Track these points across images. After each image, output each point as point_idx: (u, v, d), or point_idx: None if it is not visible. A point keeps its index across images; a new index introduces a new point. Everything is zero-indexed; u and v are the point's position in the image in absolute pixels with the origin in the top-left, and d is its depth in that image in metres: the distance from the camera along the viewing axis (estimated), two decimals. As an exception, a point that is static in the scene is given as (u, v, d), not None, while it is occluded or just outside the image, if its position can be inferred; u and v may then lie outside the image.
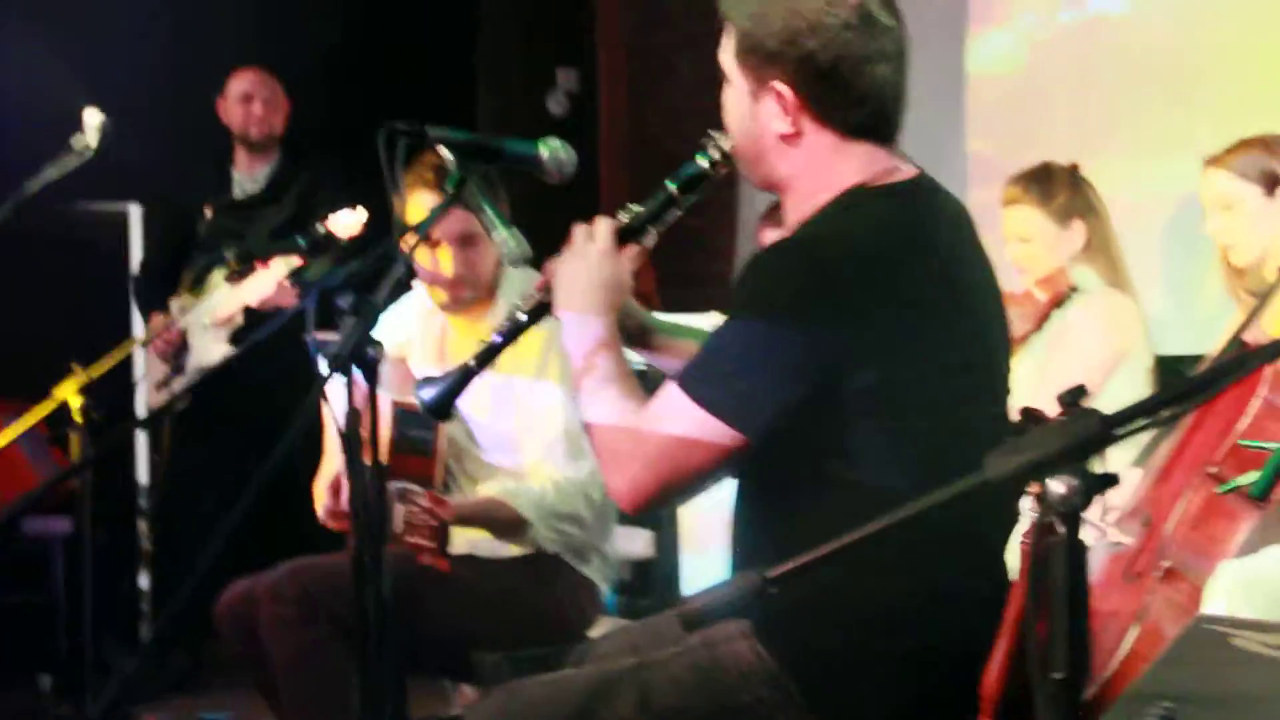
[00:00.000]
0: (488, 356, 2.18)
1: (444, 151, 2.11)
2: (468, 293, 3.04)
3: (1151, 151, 4.06)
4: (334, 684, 2.63)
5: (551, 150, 2.17)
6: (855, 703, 1.96)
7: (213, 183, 4.59)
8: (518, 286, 2.88)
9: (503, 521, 2.89)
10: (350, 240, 3.28)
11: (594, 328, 2.05)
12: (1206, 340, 3.27)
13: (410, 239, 2.18)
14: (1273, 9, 3.97)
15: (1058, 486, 1.19)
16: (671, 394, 1.95)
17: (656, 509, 2.35)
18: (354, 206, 3.28)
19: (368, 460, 1.97)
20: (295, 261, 3.74)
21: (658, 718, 2.02)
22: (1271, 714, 1.43)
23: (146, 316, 4.62)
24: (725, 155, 2.08)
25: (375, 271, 2.05)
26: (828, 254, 1.94)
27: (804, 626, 1.96)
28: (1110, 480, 1.19)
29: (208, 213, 4.56)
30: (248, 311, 4.15)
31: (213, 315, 4.28)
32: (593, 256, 2.08)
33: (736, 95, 2.04)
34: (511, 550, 2.98)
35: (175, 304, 4.49)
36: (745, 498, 2.10)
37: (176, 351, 4.37)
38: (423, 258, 2.97)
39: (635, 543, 3.93)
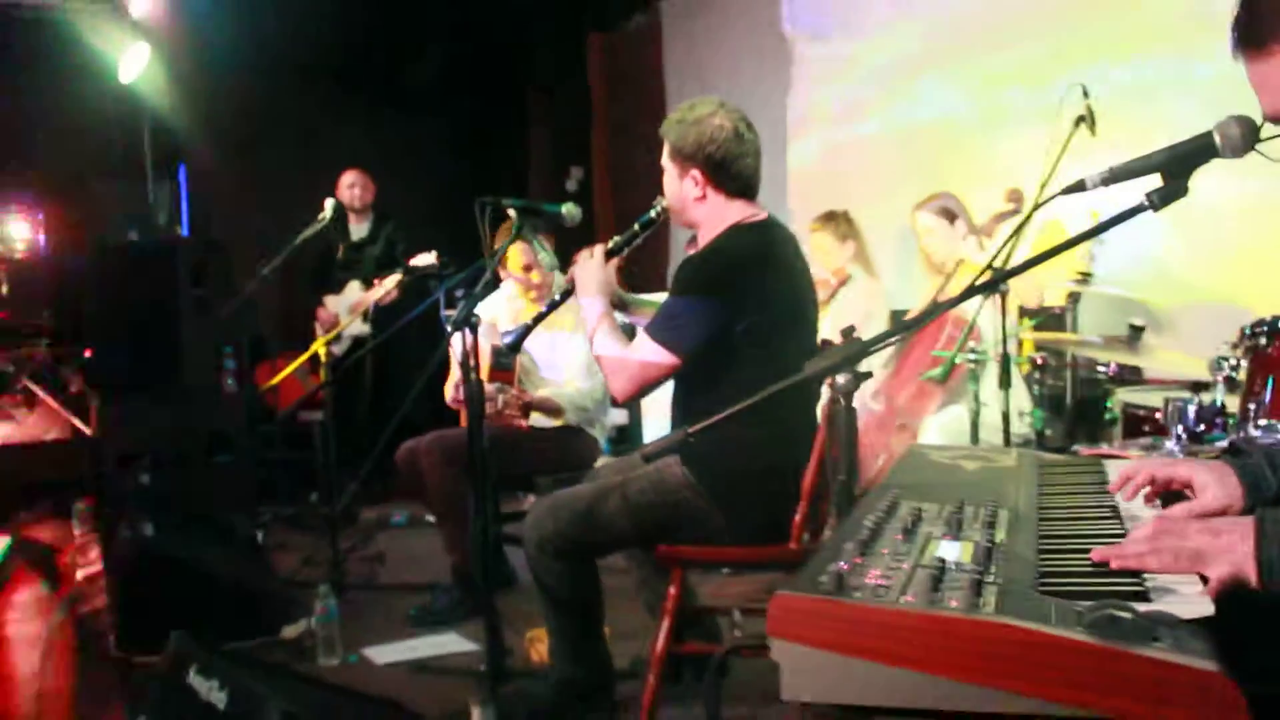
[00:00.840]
0: (539, 319, 3.61)
1: (511, 212, 3.39)
2: (534, 291, 4.85)
3: (887, 203, 5.90)
4: (463, 499, 4.28)
5: (568, 210, 3.58)
6: (737, 496, 3.15)
7: (340, 231, 6.86)
8: (558, 282, 4.61)
9: (551, 407, 4.69)
10: (430, 268, 5.07)
11: (597, 304, 3.38)
12: (915, 301, 5.10)
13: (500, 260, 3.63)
14: (950, 140, 6.12)
15: (840, 378, 1.97)
16: (642, 338, 3.19)
17: (636, 400, 3.57)
18: (427, 249, 5.10)
19: (475, 377, 3.26)
20: (396, 277, 5.78)
21: (634, 507, 3.19)
22: (946, 488, 1.96)
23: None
24: (664, 209, 3.43)
25: (474, 279, 3.38)
26: (724, 258, 3.19)
27: (709, 457, 3.10)
28: (866, 375, 2.21)
29: (339, 250, 6.95)
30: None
31: (351, 306, 6.46)
32: (593, 265, 3.42)
33: (670, 177, 3.39)
34: (555, 422, 4.75)
35: (328, 299, 6.87)
36: (680, 390, 3.40)
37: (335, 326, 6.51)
38: (514, 268, 4.82)
39: (619, 415, 5.31)
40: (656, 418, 5.53)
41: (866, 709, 1.34)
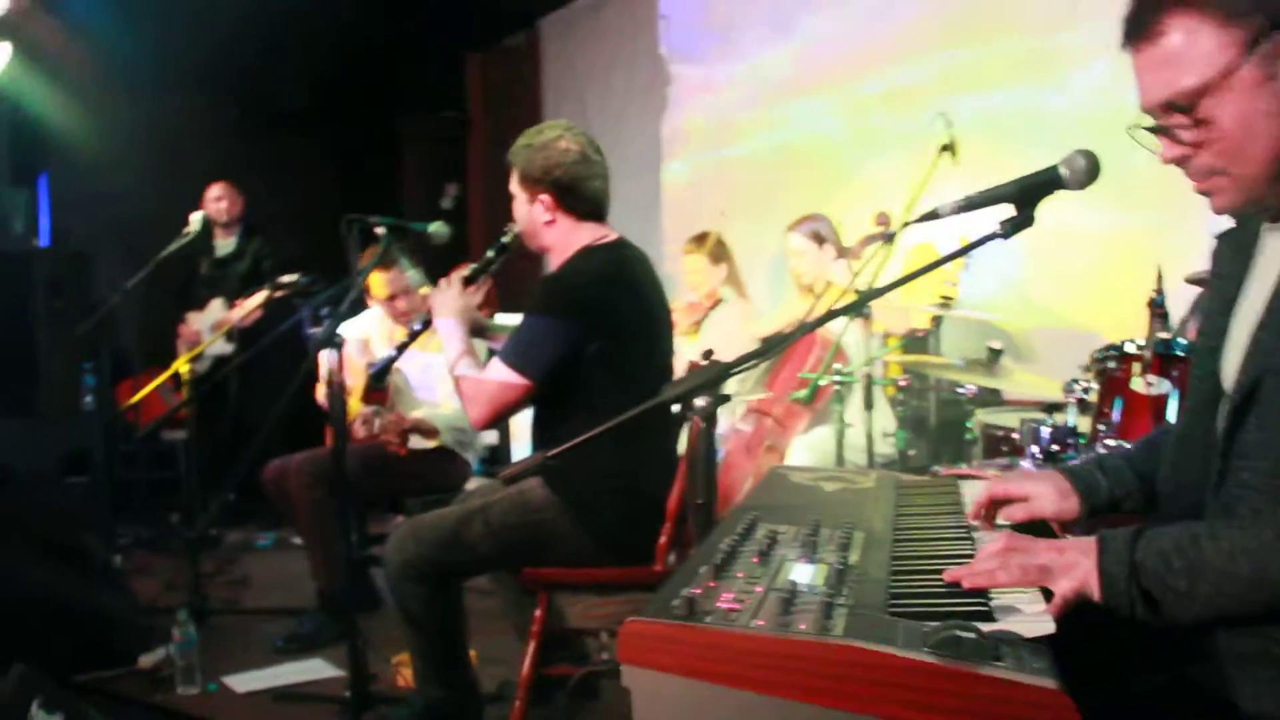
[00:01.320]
0: (402, 347, 3.58)
1: (379, 230, 3.36)
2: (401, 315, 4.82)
3: (759, 224, 5.96)
4: (331, 520, 4.35)
5: (435, 228, 3.61)
6: (601, 518, 3.15)
7: (205, 245, 6.73)
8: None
9: (428, 429, 4.62)
10: (295, 286, 5.06)
11: (455, 329, 3.38)
12: (786, 323, 5.04)
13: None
14: (821, 163, 6.28)
15: (700, 401, 1.93)
16: (495, 362, 3.19)
17: (494, 426, 3.55)
18: (296, 267, 5.11)
19: (340, 397, 3.23)
20: (261, 296, 5.73)
21: (497, 529, 3.17)
22: (804, 510, 1.96)
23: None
24: (515, 235, 3.42)
25: (339, 297, 3.33)
26: (574, 281, 3.21)
27: (572, 479, 3.13)
28: (725, 398, 2.19)
29: (204, 265, 6.82)
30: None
31: (214, 324, 6.37)
32: (450, 291, 3.42)
33: (520, 203, 3.40)
34: (430, 443, 4.68)
35: (191, 315, 6.69)
36: (539, 412, 3.39)
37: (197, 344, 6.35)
38: (378, 293, 4.79)
39: (490, 437, 5.28)
40: (526, 440, 5.51)
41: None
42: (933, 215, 1.91)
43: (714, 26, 7.12)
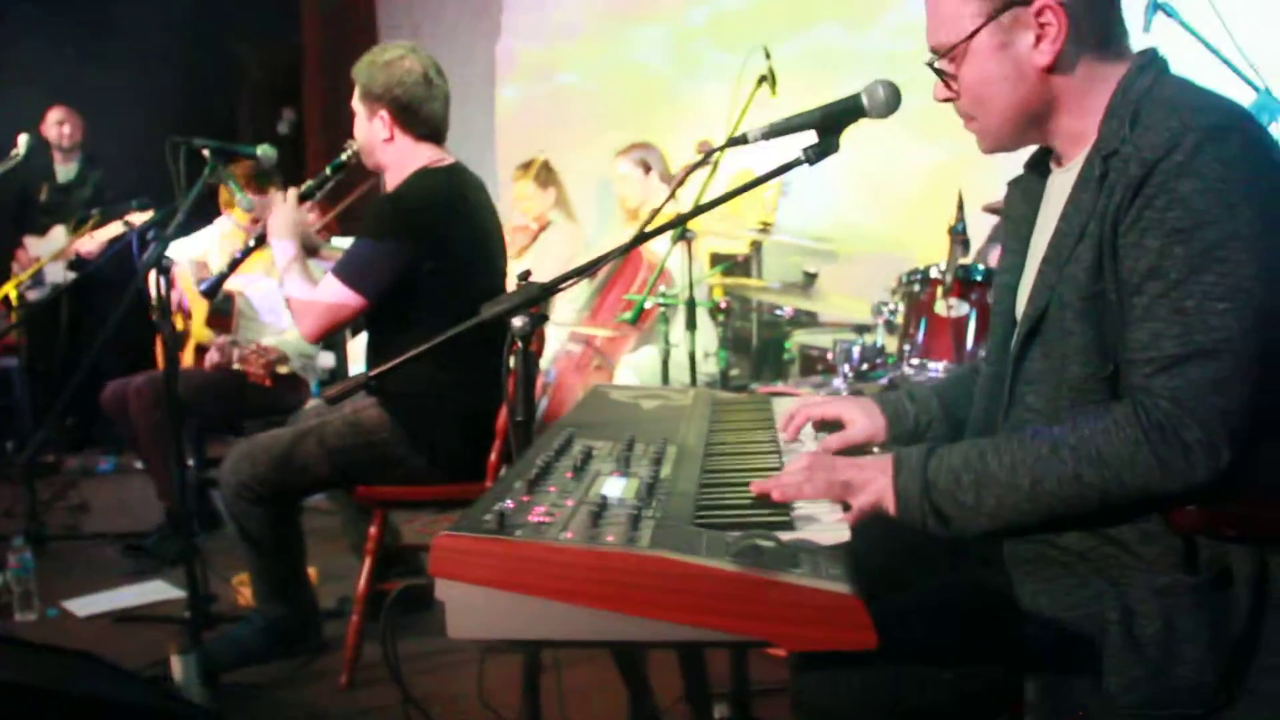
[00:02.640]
0: (234, 265, 3.45)
1: (205, 152, 3.20)
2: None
3: (589, 151, 5.93)
4: (169, 439, 3.89)
5: (263, 151, 3.41)
6: (434, 436, 3.12)
7: (44, 170, 6.42)
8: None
9: (278, 358, 4.40)
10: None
11: (289, 247, 3.29)
12: (615, 243, 4.92)
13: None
14: (648, 91, 6.25)
15: (517, 321, 1.88)
16: (329, 278, 3.12)
17: (329, 341, 3.44)
18: (136, 194, 4.91)
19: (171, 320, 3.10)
20: (116, 229, 5.31)
21: (331, 450, 3.12)
22: (621, 426, 1.95)
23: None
24: (355, 152, 3.33)
25: (166, 221, 3.17)
26: (408, 202, 3.15)
27: (405, 398, 3.10)
28: (543, 319, 2.17)
29: (44, 190, 6.49)
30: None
31: (54, 251, 6.02)
32: (285, 208, 3.33)
33: (359, 119, 3.31)
34: (282, 370, 4.47)
35: (28, 240, 6.35)
36: (372, 332, 3.34)
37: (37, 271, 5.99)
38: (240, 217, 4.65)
39: (327, 358, 5.14)
40: (362, 361, 5.40)
41: (529, 642, 1.33)
42: (741, 140, 1.90)
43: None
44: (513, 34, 7.18)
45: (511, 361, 1.95)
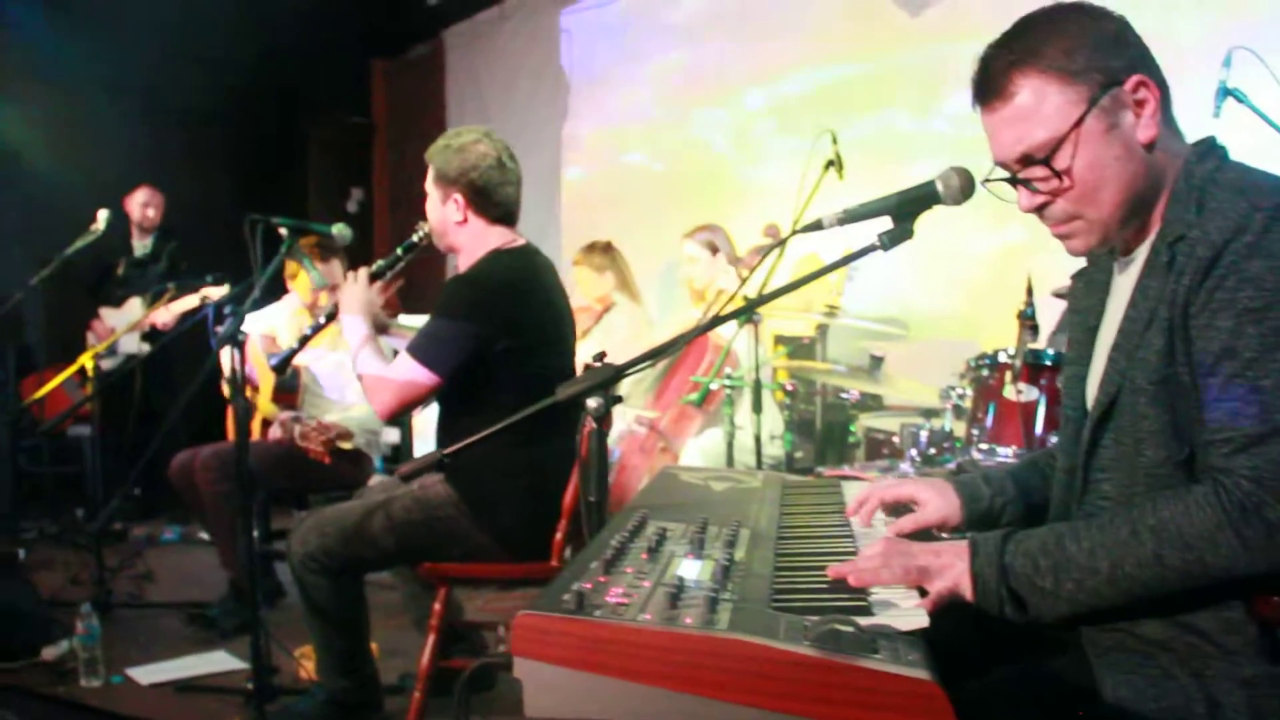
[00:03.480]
0: (304, 340, 3.55)
1: (283, 230, 3.29)
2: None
3: (653, 231, 6.07)
4: (235, 511, 4.07)
5: (339, 230, 3.55)
6: (499, 514, 3.13)
7: (122, 244, 6.63)
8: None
9: (345, 434, 4.50)
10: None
11: (360, 325, 3.34)
12: (678, 328, 4.93)
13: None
14: (712, 174, 6.35)
15: (592, 401, 1.91)
16: (403, 357, 3.14)
17: (399, 419, 3.47)
18: (211, 270, 5.22)
19: (245, 394, 3.17)
20: (192, 301, 5.55)
21: (398, 525, 3.14)
22: (693, 508, 1.98)
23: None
24: (426, 234, 3.39)
25: (243, 296, 3.27)
26: (482, 283, 3.18)
27: (472, 476, 3.11)
28: (617, 399, 2.19)
29: (121, 265, 6.68)
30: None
31: (130, 323, 6.14)
32: (356, 287, 3.39)
33: (433, 201, 3.37)
34: (345, 446, 4.54)
35: (104, 311, 6.57)
36: (443, 410, 3.36)
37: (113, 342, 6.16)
38: (303, 293, 4.71)
39: (392, 434, 5.19)
40: (428, 438, 5.44)
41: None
42: (817, 225, 1.92)
43: (612, 40, 7.15)
44: (579, 115, 7.33)
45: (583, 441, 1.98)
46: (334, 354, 4.63)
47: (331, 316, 3.42)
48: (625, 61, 7.02)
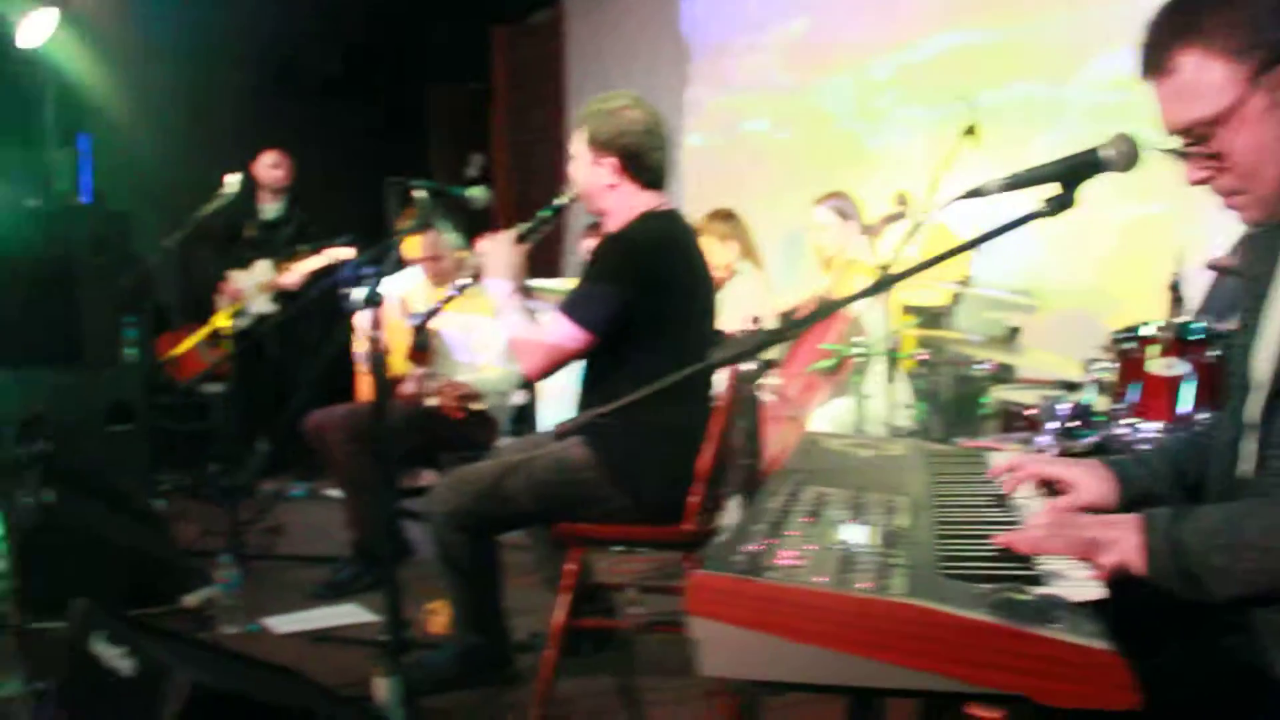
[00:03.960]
0: (445, 302, 3.61)
1: (418, 193, 3.36)
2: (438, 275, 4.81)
3: (776, 199, 6.05)
4: (367, 473, 4.39)
5: (474, 193, 3.57)
6: (637, 478, 3.18)
7: (249, 209, 6.74)
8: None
9: (474, 395, 4.58)
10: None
11: (506, 286, 3.37)
12: (801, 295, 5.09)
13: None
14: (837, 141, 6.26)
15: (748, 366, 2.15)
16: (555, 317, 3.20)
17: (545, 378, 3.52)
18: (338, 234, 5.44)
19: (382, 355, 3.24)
20: (318, 262, 5.76)
21: (536, 484, 3.20)
22: (843, 474, 1.99)
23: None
24: (572, 197, 3.43)
25: (378, 257, 3.33)
26: (633, 244, 3.24)
27: (613, 439, 3.14)
28: (770, 364, 2.28)
29: (249, 227, 6.79)
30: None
31: (259, 284, 6.45)
32: (502, 249, 3.40)
33: (582, 165, 3.39)
34: (475, 407, 4.62)
35: (235, 274, 6.66)
36: (590, 371, 3.39)
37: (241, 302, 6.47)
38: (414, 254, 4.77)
39: (518, 397, 5.25)
40: (553, 400, 5.50)
41: (781, 684, 1.35)
42: (978, 193, 1.91)
43: (734, 6, 7.09)
44: (700, 82, 7.29)
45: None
46: (462, 316, 4.69)
47: (475, 278, 3.46)
48: (747, 28, 6.96)
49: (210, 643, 3.41)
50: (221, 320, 5.02)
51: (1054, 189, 1.84)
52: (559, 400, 5.35)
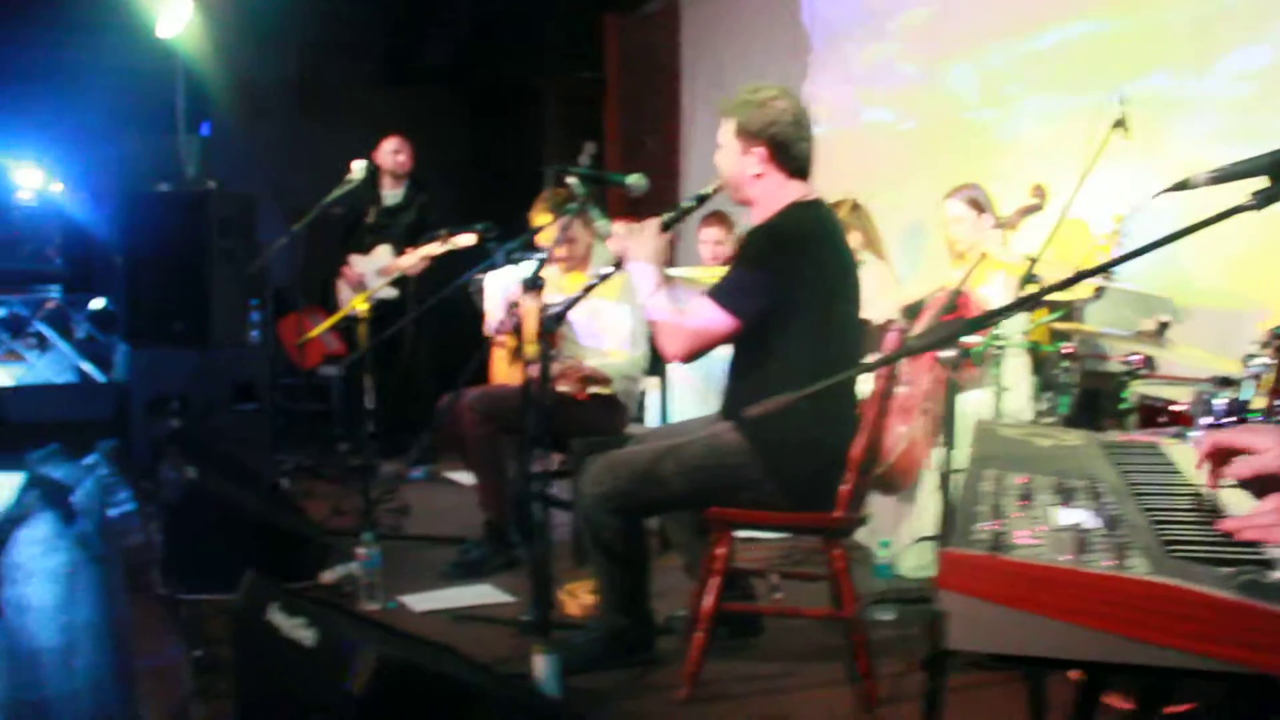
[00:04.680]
0: (588, 289, 3.63)
1: (574, 181, 3.45)
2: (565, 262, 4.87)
3: (899, 192, 6.05)
4: (501, 455, 4.54)
5: (634, 180, 3.58)
6: (787, 462, 3.25)
7: (371, 195, 6.88)
8: (598, 258, 4.75)
9: (602, 379, 4.68)
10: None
11: (652, 272, 3.44)
12: (926, 288, 5.01)
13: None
14: (963, 132, 6.17)
15: (947, 353, 2.17)
16: (703, 302, 3.28)
17: (689, 361, 3.59)
18: (459, 220, 5.35)
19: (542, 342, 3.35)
20: (434, 249, 5.66)
21: (690, 469, 3.30)
22: (1034, 461, 2.01)
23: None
24: (718, 186, 3.50)
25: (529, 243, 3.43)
26: (784, 234, 3.30)
27: (764, 425, 3.09)
28: (966, 353, 2.27)
29: (371, 213, 6.96)
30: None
31: (381, 269, 6.65)
32: (647, 235, 3.47)
33: (729, 154, 3.44)
34: (602, 391, 4.69)
35: (355, 258, 6.92)
36: (738, 356, 3.43)
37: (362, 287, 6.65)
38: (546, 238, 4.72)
39: (646, 384, 5.31)
40: (684, 391, 5.56)
41: (1026, 658, 1.40)
42: (1183, 185, 1.92)
43: (855, -2, 7.09)
44: (820, 73, 7.27)
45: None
46: (587, 301, 4.73)
47: (618, 265, 3.54)
48: (868, 17, 6.94)
49: (368, 617, 3.52)
50: (359, 304, 5.12)
51: (1261, 183, 1.86)
52: (684, 389, 5.43)
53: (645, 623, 3.51)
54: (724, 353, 3.41)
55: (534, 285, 3.34)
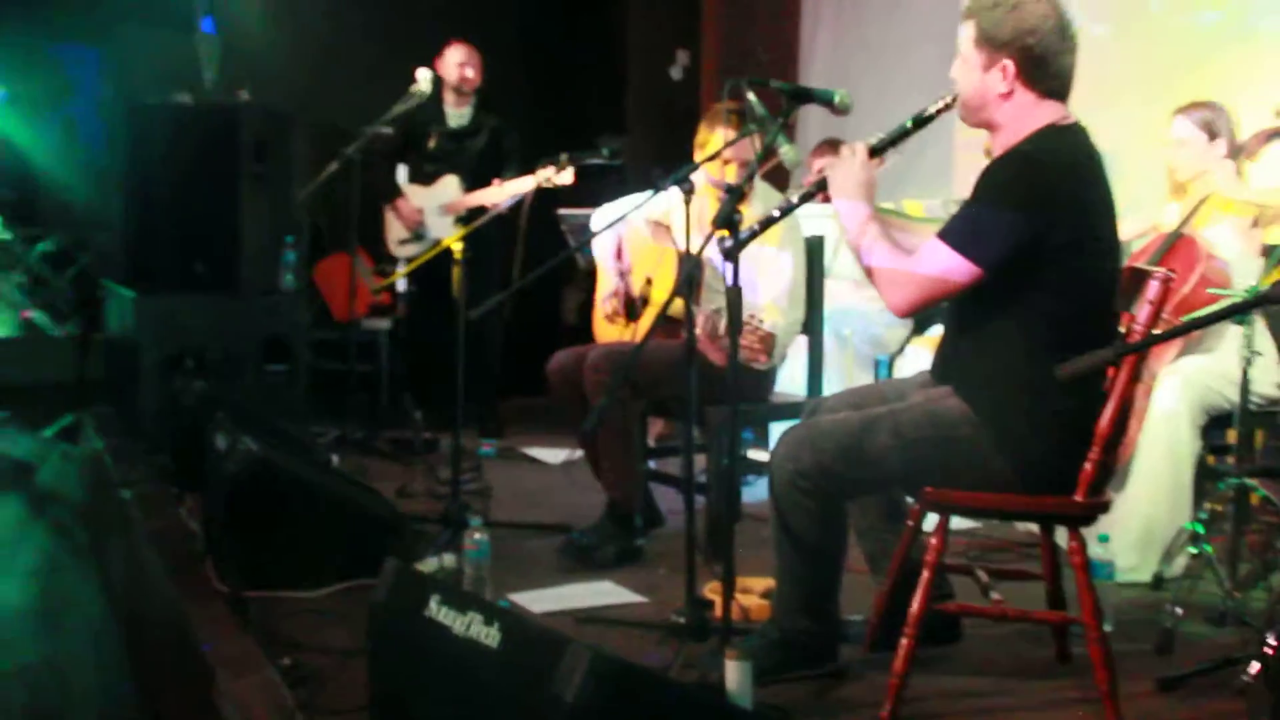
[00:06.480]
0: (766, 224, 3.56)
1: (751, 96, 3.48)
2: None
3: (1109, 111, 5.68)
4: (629, 425, 4.58)
5: (840, 97, 3.51)
6: (1022, 436, 3.18)
7: (432, 113, 6.80)
8: (760, 192, 4.75)
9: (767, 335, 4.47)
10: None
11: (862, 208, 3.34)
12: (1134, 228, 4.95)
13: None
14: (1187, 47, 6.16)
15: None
16: (935, 245, 3.18)
17: (915, 314, 3.56)
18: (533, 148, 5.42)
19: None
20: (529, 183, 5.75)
21: (907, 441, 3.24)
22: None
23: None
24: (949, 103, 3.40)
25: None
26: (1040, 165, 3.20)
27: (995, 393, 3.19)
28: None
29: (433, 137, 6.88)
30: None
31: (445, 205, 6.70)
32: (856, 164, 3.38)
33: (968, 66, 3.31)
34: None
35: (411, 189, 6.93)
36: (969, 308, 3.29)
37: (419, 224, 6.79)
38: (713, 170, 4.76)
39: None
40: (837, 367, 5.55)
41: None
42: None
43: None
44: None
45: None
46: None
47: (810, 196, 3.53)
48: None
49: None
50: (453, 242, 5.00)
51: None
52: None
53: (834, 628, 3.52)
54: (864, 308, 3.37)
55: (727, 224, 3.32)
